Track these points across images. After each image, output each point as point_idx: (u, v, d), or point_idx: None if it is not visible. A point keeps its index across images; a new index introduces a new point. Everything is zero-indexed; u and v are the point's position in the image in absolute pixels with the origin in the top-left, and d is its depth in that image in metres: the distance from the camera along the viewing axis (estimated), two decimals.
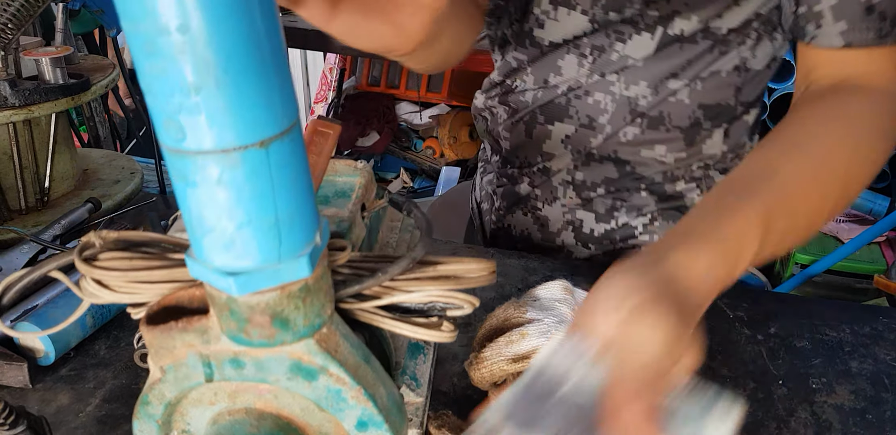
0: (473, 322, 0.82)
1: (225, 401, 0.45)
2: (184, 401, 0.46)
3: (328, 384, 0.42)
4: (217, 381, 0.43)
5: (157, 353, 0.42)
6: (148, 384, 0.45)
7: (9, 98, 0.92)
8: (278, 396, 0.44)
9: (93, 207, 1.00)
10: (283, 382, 0.42)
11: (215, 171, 0.32)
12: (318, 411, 0.44)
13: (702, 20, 0.81)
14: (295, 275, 0.37)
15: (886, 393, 0.71)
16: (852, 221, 2.34)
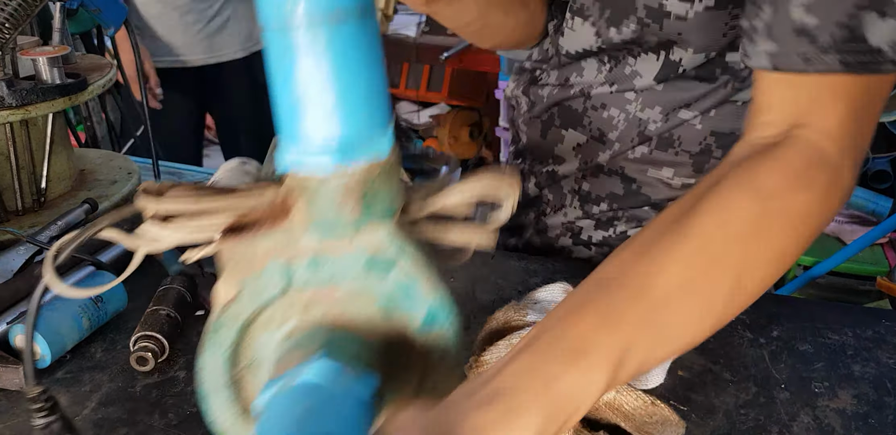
0: (473, 325, 0.81)
1: (296, 316, 0.48)
2: (254, 325, 0.48)
3: (399, 278, 0.46)
4: (292, 291, 0.46)
5: (235, 267, 0.45)
6: (220, 309, 0.47)
7: (6, 98, 0.92)
8: (347, 305, 0.48)
9: (90, 208, 0.99)
10: (358, 280, 0.46)
11: (322, 40, 0.39)
12: (383, 321, 0.48)
13: (699, 53, 0.79)
14: (382, 150, 0.43)
15: (889, 397, 0.71)
16: (855, 222, 2.33)
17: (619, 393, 0.61)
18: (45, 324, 0.73)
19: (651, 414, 0.61)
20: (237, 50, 2.23)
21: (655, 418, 0.61)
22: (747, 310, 0.83)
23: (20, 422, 0.67)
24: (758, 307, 0.84)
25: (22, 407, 0.69)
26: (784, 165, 0.57)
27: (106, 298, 0.79)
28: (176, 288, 0.82)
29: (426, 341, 0.49)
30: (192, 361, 0.76)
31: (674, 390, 0.71)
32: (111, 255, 0.91)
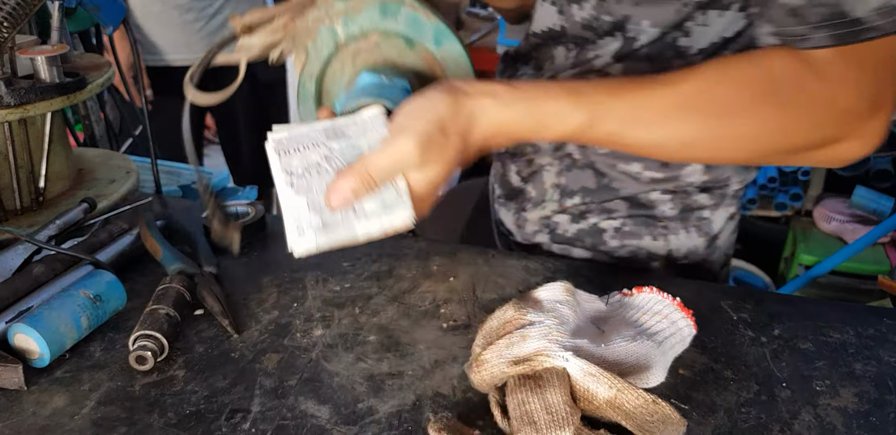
0: (473, 324, 0.81)
1: (350, 66, 0.78)
2: (325, 78, 0.79)
3: (408, 13, 0.73)
4: (341, 44, 0.77)
5: (299, 39, 0.75)
6: (299, 72, 0.78)
7: (4, 97, 0.92)
8: (381, 47, 0.77)
9: (88, 207, 0.99)
10: (380, 24, 0.74)
11: None
12: (408, 50, 0.77)
13: (657, 27, 0.80)
14: None
15: (890, 395, 0.71)
16: (856, 221, 2.33)
17: (620, 392, 0.61)
18: (44, 323, 0.73)
19: (652, 413, 0.61)
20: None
21: (656, 417, 0.61)
22: (749, 308, 0.83)
23: (20, 420, 0.67)
24: (759, 306, 0.84)
25: (22, 406, 0.69)
26: (796, 57, 0.66)
27: (105, 297, 0.79)
28: (175, 287, 0.81)
29: (442, 54, 0.77)
30: (191, 360, 0.75)
31: (675, 389, 0.71)
32: (110, 254, 0.90)
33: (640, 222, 0.95)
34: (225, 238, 0.77)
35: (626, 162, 0.91)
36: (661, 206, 0.94)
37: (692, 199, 0.93)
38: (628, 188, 0.93)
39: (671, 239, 0.95)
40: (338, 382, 0.72)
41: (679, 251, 0.96)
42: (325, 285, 0.89)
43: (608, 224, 0.96)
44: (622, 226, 0.95)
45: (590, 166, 0.93)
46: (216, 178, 1.35)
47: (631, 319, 0.74)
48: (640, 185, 0.92)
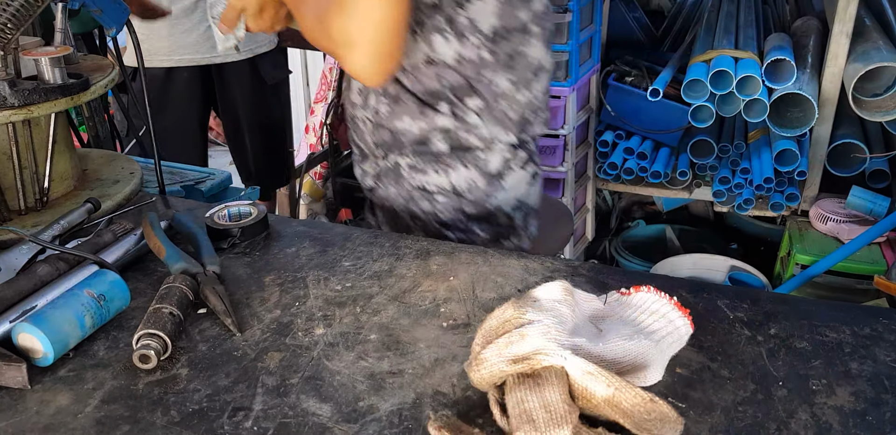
0: (473, 323, 0.82)
1: None
2: None
3: None
4: None
5: None
6: None
7: (8, 98, 0.92)
8: None
9: (92, 208, 1.00)
10: None
11: None
12: None
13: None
14: None
15: (886, 394, 0.71)
16: (853, 221, 2.33)
17: (618, 390, 0.62)
18: (48, 322, 0.73)
19: (650, 411, 0.61)
20: (242, 51, 2.23)
21: (654, 415, 0.61)
22: (745, 307, 0.84)
23: (24, 419, 0.68)
24: (756, 305, 0.85)
25: (25, 405, 0.70)
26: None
27: (109, 296, 0.79)
28: (178, 286, 0.82)
29: None
30: (194, 358, 0.76)
31: (672, 388, 0.71)
32: (114, 254, 0.91)
33: (426, 159, 1.13)
34: None
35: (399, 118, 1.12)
36: (434, 142, 1.12)
37: (456, 137, 1.11)
38: (407, 137, 1.13)
39: (451, 173, 1.13)
40: (339, 380, 0.73)
41: (460, 184, 1.14)
42: (326, 285, 0.89)
43: (403, 161, 1.15)
44: (414, 163, 1.14)
45: (381, 126, 1.13)
46: (217, 179, 1.36)
47: (629, 318, 0.75)
48: (411, 133, 1.12)
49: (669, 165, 2.65)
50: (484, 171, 1.13)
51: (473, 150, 1.12)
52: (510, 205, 1.17)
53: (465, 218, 1.16)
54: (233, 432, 0.66)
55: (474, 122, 1.10)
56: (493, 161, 1.13)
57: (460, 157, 1.12)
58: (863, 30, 2.30)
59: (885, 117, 2.21)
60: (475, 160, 1.13)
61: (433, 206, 1.15)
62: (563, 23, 2.35)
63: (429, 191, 1.14)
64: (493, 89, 1.10)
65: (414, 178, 1.14)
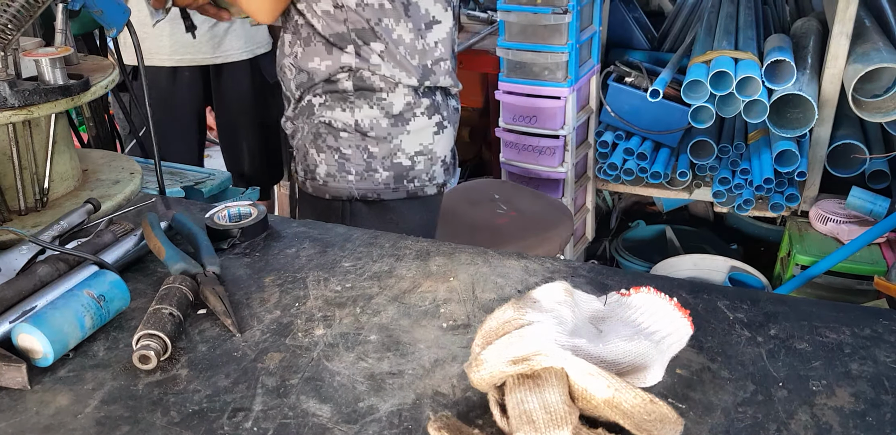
0: (473, 323, 0.82)
1: None
2: None
3: None
4: None
5: None
6: None
7: (8, 99, 0.92)
8: None
9: (92, 208, 1.00)
10: None
11: None
12: None
13: None
14: None
15: (887, 395, 0.71)
16: (852, 222, 2.33)
17: (618, 391, 0.62)
18: (47, 323, 0.73)
19: (650, 412, 0.61)
20: (243, 51, 2.23)
21: (654, 416, 0.62)
22: (745, 308, 0.84)
23: (24, 419, 0.68)
24: (756, 306, 0.85)
25: (25, 405, 0.70)
26: None
27: (109, 297, 0.79)
28: (178, 287, 0.82)
29: None
30: (194, 359, 0.76)
31: (672, 388, 0.71)
32: (114, 254, 0.91)
33: (334, 98, 1.28)
34: None
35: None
36: (342, 81, 1.27)
37: (360, 75, 1.27)
38: (317, 76, 1.29)
39: (356, 111, 1.27)
40: (339, 381, 0.73)
41: (363, 122, 1.28)
42: (326, 285, 0.89)
43: (316, 100, 1.30)
44: (324, 101, 1.29)
45: (298, 68, 1.30)
46: (218, 180, 1.36)
47: (629, 318, 0.75)
48: (320, 71, 1.28)
49: (669, 166, 2.65)
50: (387, 112, 1.28)
51: (377, 92, 1.27)
52: (413, 149, 1.31)
53: (369, 156, 1.29)
54: (233, 433, 0.66)
55: (376, 62, 1.26)
56: (396, 103, 1.28)
57: (365, 96, 1.27)
58: (863, 31, 2.30)
59: (885, 118, 2.22)
60: (379, 101, 1.28)
61: (337, 141, 1.29)
62: (563, 23, 2.35)
63: (334, 127, 1.29)
64: (391, 35, 1.25)
65: (323, 114, 1.29)
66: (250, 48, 2.25)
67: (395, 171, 1.31)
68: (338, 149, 1.29)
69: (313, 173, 1.32)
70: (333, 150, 1.29)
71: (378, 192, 1.31)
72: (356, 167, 1.29)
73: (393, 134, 1.29)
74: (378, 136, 1.28)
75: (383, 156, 1.30)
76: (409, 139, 1.30)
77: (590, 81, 2.68)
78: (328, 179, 1.31)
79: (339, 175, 1.30)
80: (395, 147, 1.30)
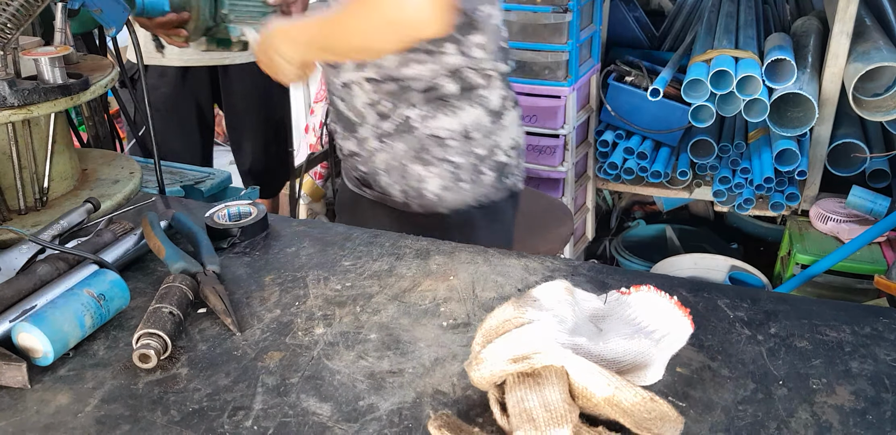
0: (473, 322, 0.82)
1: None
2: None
3: None
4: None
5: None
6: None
7: (7, 98, 0.92)
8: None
9: (92, 207, 1.00)
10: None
11: None
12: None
13: None
14: None
15: (887, 393, 0.71)
16: (853, 221, 2.33)
17: (618, 389, 0.62)
18: (48, 322, 0.73)
19: (650, 410, 0.61)
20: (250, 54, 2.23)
21: (654, 414, 0.62)
22: (745, 307, 0.84)
23: (24, 418, 0.68)
24: (756, 304, 0.85)
25: (25, 404, 0.70)
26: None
27: (109, 296, 0.79)
28: (178, 286, 0.82)
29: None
30: (194, 358, 0.76)
31: (672, 387, 0.72)
32: (114, 254, 0.91)
33: (436, 105, 1.16)
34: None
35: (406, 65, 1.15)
36: (446, 85, 1.15)
37: (466, 77, 1.15)
38: (417, 84, 1.15)
39: (461, 114, 1.16)
40: (339, 379, 0.73)
41: (470, 125, 1.18)
42: (326, 284, 0.89)
43: (413, 112, 1.16)
44: (424, 112, 1.16)
45: (388, 78, 1.15)
46: (217, 179, 1.36)
47: (629, 317, 0.75)
48: (423, 80, 1.14)
49: (669, 165, 2.65)
50: (488, 109, 1.18)
51: (477, 89, 1.17)
52: (508, 144, 1.23)
53: (476, 159, 1.19)
54: (233, 432, 0.66)
55: (478, 56, 1.14)
56: (493, 99, 1.19)
57: (467, 97, 1.16)
58: (863, 30, 2.30)
59: (886, 117, 2.22)
60: (479, 99, 1.17)
61: (445, 151, 1.17)
62: (564, 22, 2.35)
63: (440, 137, 1.17)
64: (489, 22, 1.14)
65: (427, 126, 1.16)
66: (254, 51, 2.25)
67: (497, 171, 1.22)
68: (447, 159, 1.18)
69: (419, 190, 1.19)
70: (443, 162, 1.18)
71: (488, 194, 1.22)
72: (468, 174, 1.19)
73: (493, 131, 1.20)
74: (481, 137, 1.19)
75: (486, 156, 1.20)
76: (505, 134, 1.23)
77: (590, 80, 2.68)
78: (443, 193, 1.19)
79: (454, 186, 1.19)
80: (494, 145, 1.21)
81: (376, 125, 1.19)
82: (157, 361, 0.74)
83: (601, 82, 2.70)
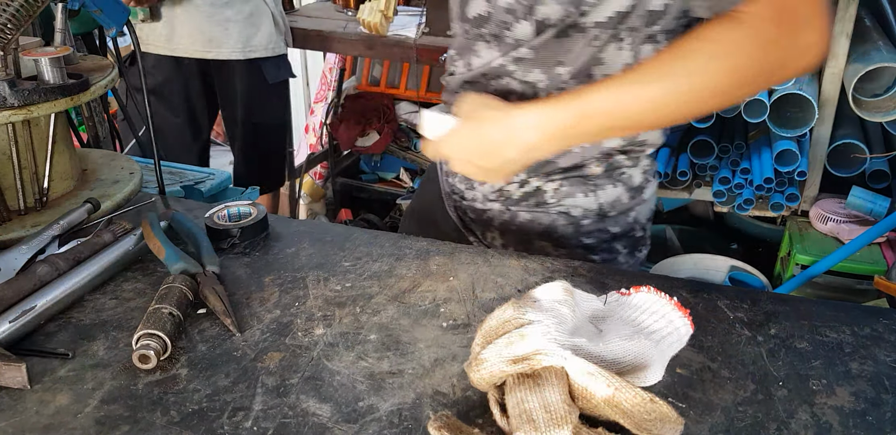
0: (473, 323, 0.82)
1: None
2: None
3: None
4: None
5: None
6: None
7: (8, 98, 0.92)
8: None
9: (92, 208, 1.00)
10: None
11: None
12: None
13: (564, 7, 0.89)
14: None
15: (887, 394, 0.71)
16: (853, 221, 2.33)
17: (618, 390, 0.62)
18: None
19: (650, 411, 0.61)
20: (233, 50, 2.23)
21: (654, 415, 0.62)
22: (745, 308, 0.84)
23: (23, 419, 0.68)
24: (756, 305, 0.85)
25: (25, 405, 0.70)
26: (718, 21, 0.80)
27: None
28: (178, 287, 0.82)
29: None
30: (194, 359, 0.76)
31: (672, 388, 0.72)
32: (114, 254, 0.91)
33: (574, 182, 1.06)
34: None
35: None
36: (591, 166, 1.05)
37: (615, 160, 1.05)
38: (567, 161, 1.04)
39: (600, 194, 1.07)
40: (339, 380, 0.73)
41: (607, 204, 1.08)
42: (326, 285, 0.89)
43: (548, 186, 1.07)
44: (560, 187, 1.06)
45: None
46: (217, 179, 1.36)
47: (629, 318, 0.75)
48: (573, 156, 1.03)
49: (669, 165, 2.65)
50: (629, 187, 1.07)
51: (622, 168, 1.06)
52: (645, 216, 1.13)
53: (610, 237, 1.09)
54: (232, 432, 0.66)
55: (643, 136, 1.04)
56: (636, 176, 1.08)
57: (610, 175, 1.06)
58: (863, 30, 2.30)
59: (886, 118, 2.21)
60: (621, 177, 1.06)
61: (577, 230, 1.08)
62: None
63: (573, 215, 1.07)
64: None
65: (561, 203, 1.06)
66: (244, 49, 2.25)
67: (630, 245, 1.12)
68: (578, 238, 1.09)
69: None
70: (574, 240, 1.09)
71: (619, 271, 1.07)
72: (600, 254, 1.10)
73: (632, 207, 1.09)
74: (619, 215, 1.09)
75: (622, 233, 1.10)
76: (644, 208, 1.12)
77: None
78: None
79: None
80: (633, 221, 1.11)
81: (497, 186, 1.09)
82: (156, 362, 0.74)
83: None
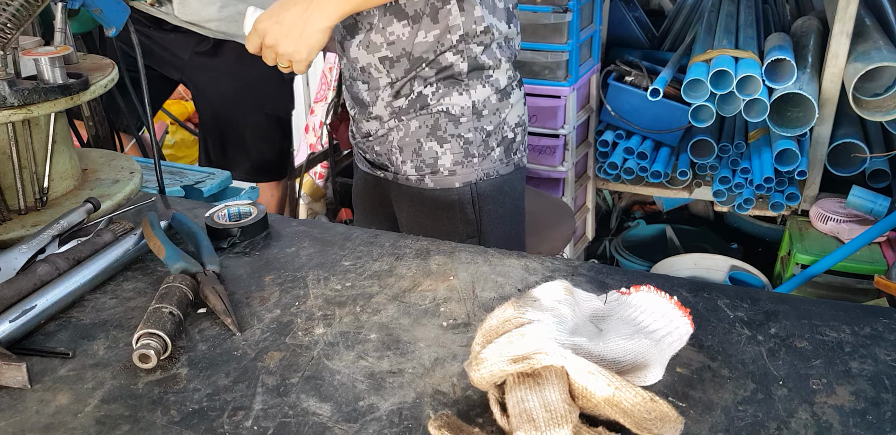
0: (473, 322, 0.82)
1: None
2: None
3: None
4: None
5: None
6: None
7: (7, 98, 0.92)
8: None
9: (92, 207, 1.00)
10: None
11: None
12: None
13: None
14: None
15: (887, 394, 0.71)
16: (853, 221, 2.33)
17: (618, 390, 0.62)
18: None
19: (650, 410, 0.61)
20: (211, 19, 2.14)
21: (654, 415, 0.62)
22: (745, 307, 0.84)
23: (24, 418, 0.68)
24: (756, 304, 0.85)
25: (25, 404, 0.70)
26: None
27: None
28: (178, 286, 0.82)
29: None
30: (194, 358, 0.76)
31: (672, 387, 0.71)
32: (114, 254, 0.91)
33: (448, 84, 1.24)
34: None
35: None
36: (457, 64, 1.23)
37: (472, 53, 1.23)
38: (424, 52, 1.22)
39: (472, 93, 1.25)
40: (339, 379, 0.73)
41: (479, 102, 1.25)
42: (326, 284, 0.89)
43: (428, 90, 1.24)
44: (437, 89, 1.24)
45: (402, 56, 1.22)
46: (217, 179, 1.36)
47: (629, 317, 0.75)
48: (430, 45, 1.21)
49: (669, 165, 2.65)
50: (496, 88, 1.27)
51: (486, 69, 1.25)
52: (514, 121, 1.32)
53: (485, 135, 1.27)
54: (233, 432, 0.66)
55: (479, 14, 1.21)
56: (501, 80, 1.27)
57: (478, 76, 1.24)
58: (863, 30, 2.30)
59: (886, 117, 2.22)
60: (489, 79, 1.26)
61: (457, 127, 1.26)
62: (564, 22, 2.35)
63: (453, 113, 1.25)
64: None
65: (441, 102, 1.25)
66: (210, 28, 2.17)
67: (504, 146, 1.31)
68: (459, 135, 1.26)
69: (434, 166, 1.28)
70: (455, 138, 1.26)
71: (497, 169, 1.31)
72: (478, 149, 1.28)
73: (500, 108, 1.29)
74: (490, 114, 1.28)
75: (494, 131, 1.29)
76: (512, 112, 1.31)
77: (590, 80, 2.68)
78: (455, 168, 1.28)
79: (465, 161, 1.28)
80: (502, 121, 1.29)
81: (391, 104, 1.27)
82: (156, 362, 0.74)
83: (601, 82, 2.70)
